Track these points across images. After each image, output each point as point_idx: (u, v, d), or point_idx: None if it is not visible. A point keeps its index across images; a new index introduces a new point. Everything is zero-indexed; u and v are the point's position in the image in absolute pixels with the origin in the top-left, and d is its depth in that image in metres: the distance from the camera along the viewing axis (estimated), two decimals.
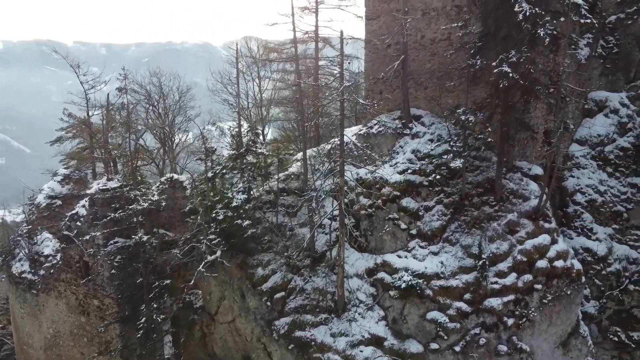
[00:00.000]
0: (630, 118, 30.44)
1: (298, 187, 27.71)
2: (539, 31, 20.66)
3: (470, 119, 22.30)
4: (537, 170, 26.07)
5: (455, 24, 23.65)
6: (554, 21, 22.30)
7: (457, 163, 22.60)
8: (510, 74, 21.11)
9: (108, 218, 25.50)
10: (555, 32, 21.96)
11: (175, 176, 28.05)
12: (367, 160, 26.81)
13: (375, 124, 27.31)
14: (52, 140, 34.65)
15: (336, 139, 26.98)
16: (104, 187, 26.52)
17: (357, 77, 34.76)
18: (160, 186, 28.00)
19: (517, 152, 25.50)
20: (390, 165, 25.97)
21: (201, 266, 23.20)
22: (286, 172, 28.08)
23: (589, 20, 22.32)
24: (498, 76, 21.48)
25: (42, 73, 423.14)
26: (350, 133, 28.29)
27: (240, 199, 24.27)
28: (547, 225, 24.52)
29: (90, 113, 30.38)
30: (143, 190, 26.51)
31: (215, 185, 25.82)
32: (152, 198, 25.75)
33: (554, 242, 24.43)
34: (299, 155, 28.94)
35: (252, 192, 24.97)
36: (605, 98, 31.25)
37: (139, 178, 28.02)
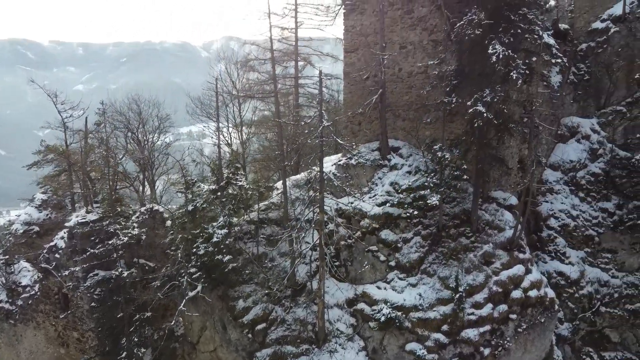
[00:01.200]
0: (601, 144, 31.44)
1: (278, 217, 27.93)
2: (512, 73, 21.22)
3: (446, 156, 22.80)
4: (512, 199, 26.78)
5: (432, 62, 24.13)
6: (527, 61, 23.00)
7: (434, 200, 23.09)
8: (485, 114, 21.67)
9: (88, 254, 25.37)
10: (527, 72, 22.61)
11: (156, 207, 28.03)
12: (347, 190, 27.16)
13: (354, 155, 27.66)
14: (29, 165, 34.23)
15: (316, 168, 27.19)
16: (83, 221, 26.38)
17: (336, 108, 35.12)
18: (140, 217, 27.95)
19: (492, 182, 26.11)
20: (370, 197, 26.37)
21: (182, 304, 23.28)
22: (266, 203, 28.25)
23: (559, 60, 22.96)
24: (473, 115, 22.01)
25: (16, 73, 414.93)
26: (330, 162, 28.63)
27: (221, 233, 24.39)
28: (521, 255, 25.20)
29: (68, 142, 30.04)
30: (123, 223, 26.43)
31: (196, 217, 25.88)
32: (132, 232, 25.70)
33: (528, 272, 25.12)
34: (279, 184, 29.14)
35: (232, 227, 25.08)
36: (577, 124, 32.21)
37: (119, 209, 27.91)
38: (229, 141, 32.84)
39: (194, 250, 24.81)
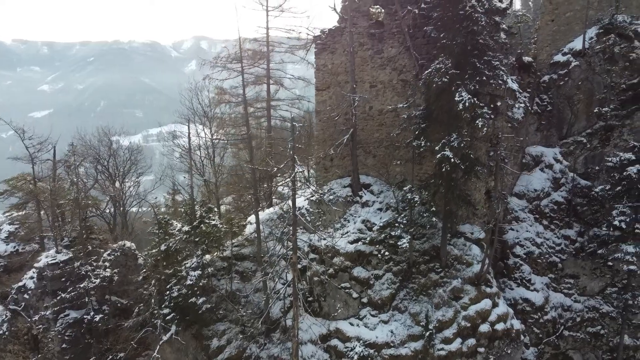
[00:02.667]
0: (563, 173, 32.66)
1: (252, 253, 28.13)
2: (477, 121, 21.96)
3: (415, 199, 23.44)
4: (479, 233, 27.63)
5: (402, 104, 24.74)
6: (492, 105, 23.82)
7: (404, 241, 23.71)
8: (452, 159, 22.38)
9: (58, 297, 25.06)
10: (492, 116, 23.42)
11: (127, 244, 27.82)
12: (320, 226, 27.61)
13: (327, 191, 28.08)
14: None
15: (289, 202, 27.45)
16: (53, 262, 26.03)
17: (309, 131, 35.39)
18: (112, 254, 27.72)
19: (461, 218, 26.89)
20: (342, 235, 26.82)
21: (156, 351, 23.27)
22: (240, 238, 28.40)
23: (522, 105, 23.86)
24: (441, 159, 22.68)
25: None
26: (303, 198, 28.97)
27: (195, 275, 24.46)
28: (488, 290, 26.07)
29: (37, 179, 29.52)
30: (94, 264, 26.18)
31: (169, 256, 25.87)
32: (103, 273, 25.48)
33: (495, 305, 26.00)
34: (252, 217, 29.32)
35: (206, 268, 25.17)
36: (541, 153, 33.36)
37: (89, 247, 27.61)
38: (202, 172, 32.70)
39: (168, 292, 24.79)
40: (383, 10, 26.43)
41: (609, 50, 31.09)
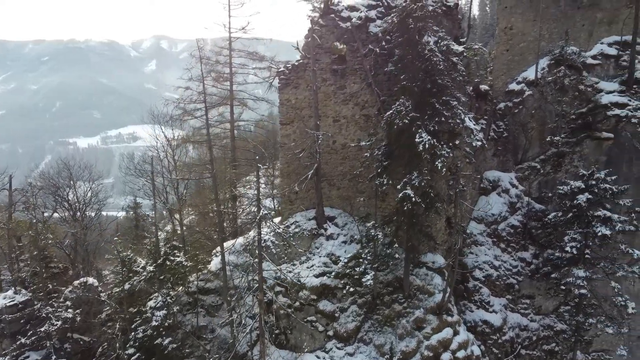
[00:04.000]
0: (519, 198, 34.05)
1: (218, 286, 28.16)
2: (436, 163, 22.74)
3: (378, 236, 24.06)
4: (440, 260, 28.53)
5: (364, 142, 25.29)
6: (450, 143, 24.65)
7: (369, 278, 24.30)
8: (413, 198, 23.08)
9: (17, 343, 24.41)
10: (451, 154, 24.25)
11: (90, 281, 27.34)
12: (285, 259, 27.93)
13: (292, 223, 28.38)
14: None
15: (254, 234, 27.59)
16: (11, 303, 25.31)
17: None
18: (74, 291, 27.17)
19: (422, 249, 27.68)
20: (308, 268, 27.19)
21: None
22: (205, 272, 28.36)
23: (479, 143, 24.82)
24: (402, 198, 23.35)
25: None
26: (268, 229, 29.15)
27: (160, 315, 24.33)
28: (449, 318, 26.96)
29: None
30: (55, 305, 25.62)
31: (134, 295, 25.61)
32: (65, 314, 24.98)
33: (456, 333, 26.92)
34: (217, 249, 29.30)
35: (172, 306, 25.06)
36: (498, 178, 34.68)
37: (50, 285, 26.98)
38: (166, 199, 32.41)
39: (132, 332, 24.56)
40: (346, 46, 26.93)
41: (560, 81, 32.62)
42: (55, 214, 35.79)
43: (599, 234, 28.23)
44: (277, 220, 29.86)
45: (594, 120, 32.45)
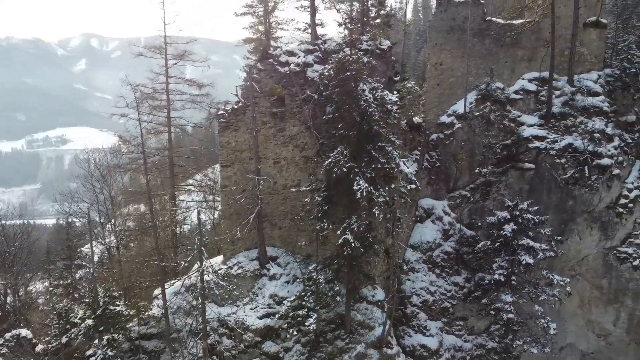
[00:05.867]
0: (451, 225, 35.97)
1: (160, 330, 27.88)
2: (374, 210, 23.80)
3: (320, 279, 24.83)
4: (380, 294, 29.73)
5: (304, 187, 25.97)
6: (386, 187, 25.80)
7: (312, 321, 25.01)
8: (352, 243, 24.01)
9: None
10: (388, 197, 25.41)
11: (23, 333, 26.24)
12: (229, 300, 28.11)
13: (234, 264, 28.59)
14: None
15: (196, 273, 27.55)
16: None
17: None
18: (5, 344, 25.98)
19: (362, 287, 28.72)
20: (251, 309, 27.52)
21: None
22: (146, 316, 27.98)
23: (413, 186, 26.14)
24: (342, 243, 24.22)
25: None
26: (210, 262, 29.18)
27: None
28: (389, 351, 28.25)
29: None
30: None
31: (72, 347, 24.90)
32: None
33: None
34: (158, 291, 28.97)
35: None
36: (432, 206, 36.45)
37: None
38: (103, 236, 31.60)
39: None
40: (284, 90, 27.46)
41: (486, 115, 34.79)
42: None
43: (524, 262, 30.52)
44: (219, 259, 29.95)
45: (517, 152, 34.90)
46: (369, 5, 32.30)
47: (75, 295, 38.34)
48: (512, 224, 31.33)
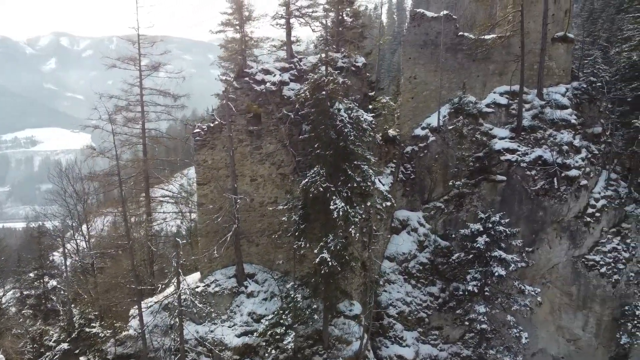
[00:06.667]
0: (426, 236, 36.60)
1: (136, 350, 27.69)
2: (350, 229, 24.13)
3: (298, 298, 25.05)
4: (357, 308, 30.06)
5: (281, 206, 26.13)
6: (363, 205, 26.17)
7: (289, 340, 25.20)
8: (330, 262, 24.29)
9: None
10: (364, 216, 25.78)
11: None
12: (206, 318, 28.07)
13: (212, 282, 28.56)
14: None
15: (172, 292, 27.41)
16: None
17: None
18: None
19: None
20: (229, 327, 27.54)
21: None
22: (123, 335, 27.76)
23: (389, 203, 26.57)
24: (320, 262, 24.47)
25: None
26: (187, 283, 29.10)
27: None
28: None
29: None
30: None
31: None
32: None
33: None
34: (134, 310, 28.75)
35: None
36: (407, 217, 37.02)
37: None
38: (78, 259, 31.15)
39: None
40: (261, 108, 27.57)
41: (459, 128, 35.51)
42: None
43: (496, 274, 31.33)
44: (196, 276, 29.88)
45: (489, 164, 35.75)
46: (344, 15, 32.62)
47: (48, 304, 37.77)
48: (485, 236, 32.16)
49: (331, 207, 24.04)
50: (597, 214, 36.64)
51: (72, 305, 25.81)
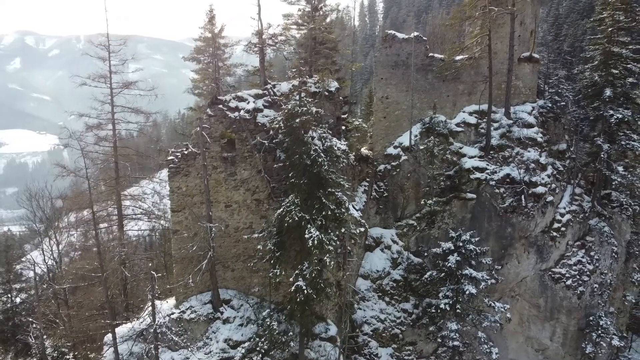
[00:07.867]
0: (400, 254, 37.28)
1: None
2: (326, 257, 24.49)
3: (274, 326, 25.31)
4: (332, 330, 30.44)
5: (257, 234, 26.33)
6: (337, 232, 26.56)
7: None
8: (305, 289, 24.61)
9: None
10: (339, 241, 26.18)
11: None
12: (182, 344, 28.01)
13: (187, 308, 28.52)
14: None
15: (148, 317, 27.26)
16: None
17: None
18: None
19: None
20: (206, 354, 27.55)
21: None
22: None
23: (362, 229, 27.03)
24: (295, 290, 24.77)
25: None
26: (163, 309, 29.00)
27: None
28: None
29: None
30: None
31: None
32: None
33: None
34: (108, 337, 28.47)
35: None
36: (380, 235, 37.62)
37: None
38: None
39: None
40: (235, 134, 27.68)
41: (430, 148, 36.28)
42: None
43: (467, 292, 32.16)
44: (171, 302, 29.76)
45: (459, 183, 36.63)
46: (318, 33, 33.10)
47: (17, 320, 36.87)
48: (456, 255, 32.95)
49: (306, 236, 24.36)
50: (563, 229, 37.93)
51: (44, 337, 25.40)
